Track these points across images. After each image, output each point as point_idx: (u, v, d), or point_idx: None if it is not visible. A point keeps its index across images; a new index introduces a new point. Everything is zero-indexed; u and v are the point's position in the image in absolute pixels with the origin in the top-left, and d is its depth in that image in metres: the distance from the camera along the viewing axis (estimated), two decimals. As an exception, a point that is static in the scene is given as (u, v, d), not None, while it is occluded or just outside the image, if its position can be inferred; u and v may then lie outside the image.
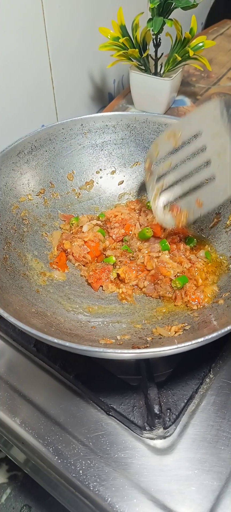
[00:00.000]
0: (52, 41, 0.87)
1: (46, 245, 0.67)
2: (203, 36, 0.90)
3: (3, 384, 0.54)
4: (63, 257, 0.65)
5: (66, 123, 0.73)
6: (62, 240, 0.66)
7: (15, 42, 0.79)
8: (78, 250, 0.64)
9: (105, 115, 0.75)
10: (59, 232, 0.68)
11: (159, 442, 0.48)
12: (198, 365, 0.54)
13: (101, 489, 0.45)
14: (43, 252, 0.65)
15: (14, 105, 0.84)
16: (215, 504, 0.43)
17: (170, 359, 0.54)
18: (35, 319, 0.52)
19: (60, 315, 0.56)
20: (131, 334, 0.54)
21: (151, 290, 0.59)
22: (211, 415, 0.50)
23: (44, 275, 0.62)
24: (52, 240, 0.67)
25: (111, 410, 0.50)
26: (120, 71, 1.14)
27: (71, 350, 0.44)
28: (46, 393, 0.53)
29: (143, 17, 0.88)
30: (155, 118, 0.74)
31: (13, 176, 0.66)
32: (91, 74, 1.04)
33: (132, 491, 0.45)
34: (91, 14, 0.95)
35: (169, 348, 0.43)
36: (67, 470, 0.46)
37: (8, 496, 0.73)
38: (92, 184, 0.75)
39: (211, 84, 1.12)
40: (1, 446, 0.61)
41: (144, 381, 0.51)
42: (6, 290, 0.54)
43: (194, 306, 0.56)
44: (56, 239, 0.67)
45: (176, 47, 0.91)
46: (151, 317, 0.57)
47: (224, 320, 0.50)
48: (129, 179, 0.76)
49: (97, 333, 0.54)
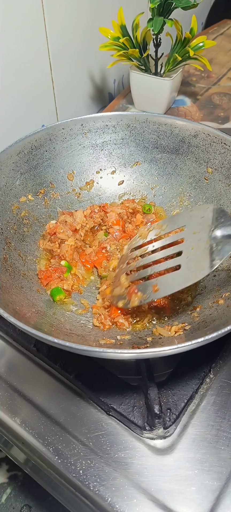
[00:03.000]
0: (53, 41, 0.87)
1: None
2: (203, 36, 0.90)
3: (3, 384, 0.54)
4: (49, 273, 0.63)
5: (66, 123, 0.73)
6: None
7: (16, 42, 0.79)
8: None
9: (105, 115, 0.75)
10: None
11: (159, 442, 0.48)
12: (198, 365, 0.54)
13: (102, 489, 0.45)
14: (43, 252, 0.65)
15: (14, 105, 0.84)
16: (215, 504, 0.43)
17: (170, 359, 0.54)
18: (35, 319, 0.52)
19: (60, 315, 0.57)
20: (131, 334, 0.54)
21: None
22: (211, 415, 0.50)
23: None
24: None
25: (112, 410, 0.50)
26: (120, 71, 1.14)
27: (71, 350, 0.44)
28: (47, 393, 0.53)
29: (143, 17, 0.88)
30: (155, 118, 0.74)
31: (13, 176, 0.66)
32: (91, 74, 1.04)
33: (132, 491, 0.45)
34: (91, 14, 0.95)
35: (169, 348, 0.43)
36: (67, 470, 0.46)
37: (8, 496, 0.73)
38: (92, 184, 0.75)
39: (211, 84, 1.12)
40: (1, 446, 0.61)
41: (144, 381, 0.51)
42: (6, 290, 0.54)
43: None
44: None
45: (176, 47, 0.91)
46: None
47: (224, 320, 0.50)
48: (129, 179, 0.76)
49: (98, 333, 0.54)
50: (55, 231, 0.65)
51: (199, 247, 0.51)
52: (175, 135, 0.73)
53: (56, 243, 0.65)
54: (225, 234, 0.51)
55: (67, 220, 0.67)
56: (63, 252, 0.64)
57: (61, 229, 0.65)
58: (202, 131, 0.70)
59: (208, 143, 0.70)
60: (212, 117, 0.99)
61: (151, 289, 0.52)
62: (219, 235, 0.51)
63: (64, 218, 0.68)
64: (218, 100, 1.05)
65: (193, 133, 0.71)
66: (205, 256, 0.50)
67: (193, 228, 0.54)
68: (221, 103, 1.04)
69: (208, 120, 0.98)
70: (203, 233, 0.52)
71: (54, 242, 0.65)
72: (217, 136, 0.69)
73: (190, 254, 0.52)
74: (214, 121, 0.98)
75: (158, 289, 0.52)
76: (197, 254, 0.51)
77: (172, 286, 0.52)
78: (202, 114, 1.00)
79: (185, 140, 0.72)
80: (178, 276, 0.52)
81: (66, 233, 0.65)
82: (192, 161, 0.72)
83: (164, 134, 0.73)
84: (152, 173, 0.75)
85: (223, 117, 0.99)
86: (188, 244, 0.53)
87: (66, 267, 0.63)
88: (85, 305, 0.60)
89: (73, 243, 0.64)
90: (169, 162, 0.74)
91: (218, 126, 0.96)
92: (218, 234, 0.51)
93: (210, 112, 1.01)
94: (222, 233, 0.51)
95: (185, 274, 0.51)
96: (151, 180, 0.75)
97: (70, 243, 0.64)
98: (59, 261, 0.63)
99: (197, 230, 0.53)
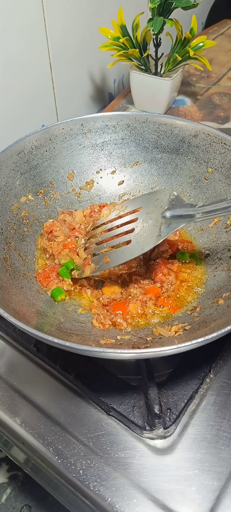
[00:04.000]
0: (53, 41, 0.87)
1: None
2: (203, 36, 0.90)
3: (3, 384, 0.54)
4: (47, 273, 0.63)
5: (66, 123, 0.73)
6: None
7: (16, 42, 0.79)
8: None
9: (105, 115, 0.75)
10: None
11: (159, 442, 0.48)
12: (198, 365, 0.54)
13: (102, 489, 0.45)
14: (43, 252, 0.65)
15: (14, 105, 0.84)
16: (215, 504, 0.43)
17: (170, 359, 0.54)
18: (35, 319, 0.52)
19: (60, 315, 0.56)
20: (131, 334, 0.54)
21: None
22: (211, 415, 0.50)
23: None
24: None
25: (112, 410, 0.50)
26: (120, 71, 1.14)
27: (71, 350, 0.44)
28: (47, 393, 0.53)
29: (143, 17, 0.88)
30: (155, 118, 0.74)
31: (13, 176, 0.66)
32: (91, 74, 1.04)
33: (132, 491, 0.45)
34: (91, 14, 0.95)
35: (169, 348, 0.43)
36: (67, 470, 0.46)
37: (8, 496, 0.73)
38: (92, 184, 0.75)
39: (211, 84, 1.12)
40: (1, 446, 0.61)
41: (144, 381, 0.51)
42: (6, 290, 0.54)
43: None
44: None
45: (176, 47, 0.91)
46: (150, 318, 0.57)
47: (224, 320, 0.50)
48: (129, 179, 0.76)
49: (97, 333, 0.54)
50: (52, 229, 0.65)
51: (149, 225, 0.58)
52: (175, 135, 0.73)
53: (53, 242, 0.65)
54: (174, 214, 0.56)
55: (66, 219, 0.68)
56: (53, 250, 0.64)
57: (58, 227, 0.65)
58: (202, 131, 0.70)
59: (208, 143, 0.70)
60: (212, 117, 0.99)
61: (103, 261, 0.59)
62: (168, 215, 0.57)
63: (63, 217, 0.68)
64: (218, 100, 1.05)
65: (193, 133, 0.71)
66: (153, 232, 0.57)
67: (147, 209, 0.60)
68: (221, 103, 1.04)
69: (208, 120, 0.98)
70: (155, 213, 0.58)
71: (52, 241, 0.65)
72: (217, 136, 0.69)
73: (141, 231, 0.58)
74: (214, 121, 0.98)
75: (109, 261, 0.59)
76: (146, 231, 0.58)
77: (120, 258, 0.58)
78: (202, 114, 1.00)
79: (185, 140, 0.72)
80: (126, 250, 0.58)
81: (63, 231, 0.65)
82: (192, 161, 0.72)
83: (164, 134, 0.73)
84: (152, 173, 0.75)
85: (223, 117, 0.99)
86: (141, 222, 0.59)
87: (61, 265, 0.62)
88: (85, 305, 0.60)
89: (62, 239, 0.64)
90: (169, 162, 0.74)
91: (218, 126, 0.96)
92: (167, 214, 0.57)
93: (210, 112, 1.01)
94: (171, 214, 0.57)
95: (133, 248, 0.58)
96: (151, 180, 0.75)
97: (60, 240, 0.64)
98: (53, 260, 0.64)
99: (150, 211, 0.59)
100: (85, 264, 0.60)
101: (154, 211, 0.59)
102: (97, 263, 0.60)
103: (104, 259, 0.59)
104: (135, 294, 0.59)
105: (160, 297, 0.59)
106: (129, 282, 0.61)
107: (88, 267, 0.60)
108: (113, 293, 0.60)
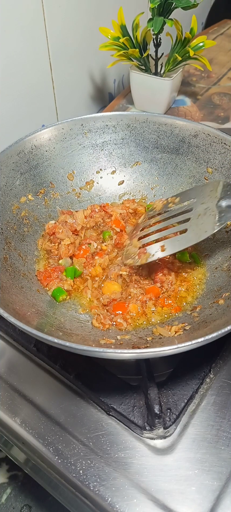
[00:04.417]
0: (53, 41, 0.87)
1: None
2: (203, 36, 0.90)
3: (3, 384, 0.54)
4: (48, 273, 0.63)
5: (66, 123, 0.73)
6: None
7: (16, 42, 0.79)
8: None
9: (105, 115, 0.75)
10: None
11: (159, 442, 0.48)
12: (198, 365, 0.54)
13: (102, 489, 0.45)
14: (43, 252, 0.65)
15: (14, 105, 0.84)
16: (215, 504, 0.43)
17: (170, 359, 0.54)
18: (36, 319, 0.52)
19: (60, 315, 0.57)
20: (131, 334, 0.54)
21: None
22: (211, 415, 0.50)
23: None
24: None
25: (112, 410, 0.50)
26: (120, 71, 1.14)
27: (71, 350, 0.44)
28: (47, 393, 0.53)
29: (143, 17, 0.88)
30: (155, 118, 0.74)
31: (14, 176, 0.66)
32: (91, 74, 1.04)
33: (132, 491, 0.45)
34: (91, 14, 0.95)
35: (169, 348, 0.43)
36: (67, 470, 0.46)
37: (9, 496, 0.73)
38: (92, 184, 0.75)
39: (211, 84, 1.12)
40: (2, 446, 0.61)
41: (144, 381, 0.51)
42: (6, 290, 0.54)
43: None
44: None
45: (176, 47, 0.91)
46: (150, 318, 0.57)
47: (224, 320, 0.50)
48: (129, 179, 0.76)
49: (97, 333, 0.54)
50: (54, 231, 0.65)
51: (204, 215, 0.58)
52: (175, 135, 0.73)
53: (56, 244, 0.65)
54: (229, 204, 0.57)
55: (67, 221, 0.68)
56: (61, 252, 0.64)
57: (60, 229, 0.65)
58: (202, 131, 0.70)
59: (208, 143, 0.70)
60: (212, 117, 0.99)
61: (159, 249, 0.60)
62: (224, 205, 0.57)
63: (64, 218, 0.68)
64: (218, 100, 1.05)
65: (193, 133, 0.71)
66: (209, 221, 0.57)
67: (202, 200, 0.60)
68: (221, 103, 1.04)
69: (208, 120, 0.98)
70: (210, 203, 0.59)
71: (55, 243, 0.65)
72: (217, 136, 0.69)
73: (196, 220, 0.59)
74: (214, 121, 0.98)
75: (165, 249, 0.60)
76: (202, 220, 0.58)
77: (177, 245, 0.59)
78: (202, 114, 1.00)
79: (185, 140, 0.72)
80: (182, 238, 0.59)
81: (66, 233, 0.65)
82: (192, 161, 0.72)
83: (164, 134, 0.73)
84: (152, 173, 0.75)
85: (223, 117, 0.99)
86: (196, 212, 0.60)
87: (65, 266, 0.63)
88: (86, 305, 0.60)
89: (69, 242, 0.64)
90: (169, 162, 0.74)
91: (218, 126, 0.96)
92: (223, 204, 0.57)
93: (210, 112, 1.01)
94: (227, 203, 0.57)
95: (189, 236, 0.59)
96: (151, 180, 0.75)
97: (66, 243, 0.64)
98: (58, 260, 0.63)
99: (205, 201, 0.60)
100: (141, 253, 0.61)
101: (208, 201, 0.59)
102: (152, 251, 0.60)
103: (160, 247, 0.60)
104: (135, 294, 0.59)
105: (160, 297, 0.59)
106: (129, 282, 0.61)
107: (144, 256, 0.61)
108: (113, 293, 0.60)
